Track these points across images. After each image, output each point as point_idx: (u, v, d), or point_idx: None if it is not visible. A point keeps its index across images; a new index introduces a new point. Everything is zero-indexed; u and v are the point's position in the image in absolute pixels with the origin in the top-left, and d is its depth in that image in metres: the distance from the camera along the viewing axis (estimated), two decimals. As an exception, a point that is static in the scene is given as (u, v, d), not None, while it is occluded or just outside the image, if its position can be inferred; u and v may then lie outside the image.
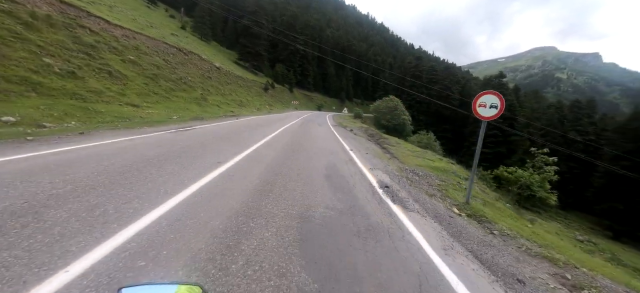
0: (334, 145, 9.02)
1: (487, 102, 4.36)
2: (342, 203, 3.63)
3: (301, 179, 4.43)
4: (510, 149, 46.78)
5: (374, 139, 14.00)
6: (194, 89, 19.84)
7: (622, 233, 39.06)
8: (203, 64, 28.30)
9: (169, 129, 8.38)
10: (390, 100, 33.06)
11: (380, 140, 13.31)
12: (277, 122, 16.55)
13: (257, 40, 56.54)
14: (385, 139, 13.97)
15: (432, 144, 26.59)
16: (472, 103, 4.57)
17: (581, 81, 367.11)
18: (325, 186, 4.29)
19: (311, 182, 4.35)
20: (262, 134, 9.55)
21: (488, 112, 4.39)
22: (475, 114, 4.54)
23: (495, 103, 4.30)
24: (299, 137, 9.77)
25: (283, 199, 3.44)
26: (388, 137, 16.73)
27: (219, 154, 5.28)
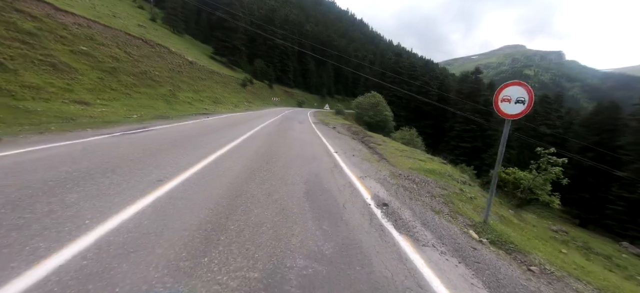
0: (317, 147, 7.86)
1: (511, 96, 3.42)
2: (331, 241, 2.56)
3: (273, 203, 3.29)
4: (487, 143, 48.14)
5: (358, 137, 13.07)
6: (161, 84, 17.94)
7: (588, 221, 41.38)
8: (173, 57, 26.11)
9: (117, 131, 6.88)
10: (372, 96, 32.46)
11: (365, 138, 12.40)
12: (254, 120, 15.19)
13: (233, 34, 53.99)
14: (370, 137, 13.09)
15: (415, 140, 26.30)
16: (493, 99, 3.65)
17: (546, 78, 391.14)
18: (306, 211, 3.19)
19: (287, 208, 3.22)
20: (233, 135, 8.24)
21: (513, 109, 3.45)
22: (497, 111, 3.62)
23: (522, 97, 3.35)
24: (276, 139, 8.51)
25: (239, 248, 2.25)
26: (372, 134, 15.90)
27: (163, 167, 4.06)
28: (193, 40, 59.51)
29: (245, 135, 8.41)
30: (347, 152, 7.60)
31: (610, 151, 43.38)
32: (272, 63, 68.56)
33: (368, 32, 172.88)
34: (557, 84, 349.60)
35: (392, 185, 4.90)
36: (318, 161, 5.82)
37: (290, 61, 76.83)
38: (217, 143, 6.38)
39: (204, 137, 7.28)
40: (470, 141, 48.36)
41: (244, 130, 9.50)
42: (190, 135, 7.45)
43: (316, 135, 11.05)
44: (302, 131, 11.95)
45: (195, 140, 6.53)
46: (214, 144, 6.18)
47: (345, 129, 17.32)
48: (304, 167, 5.18)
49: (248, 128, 10.38)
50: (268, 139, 8.20)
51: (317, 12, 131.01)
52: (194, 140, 6.52)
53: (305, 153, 6.54)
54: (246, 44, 66.35)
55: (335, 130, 15.28)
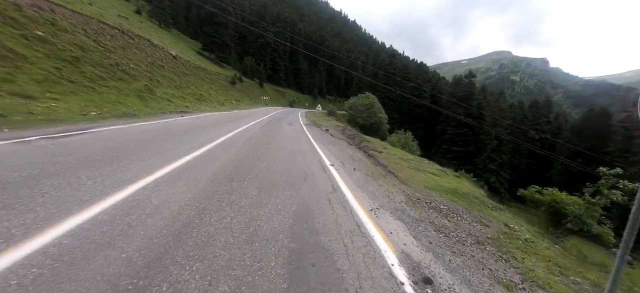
0: (309, 158, 6.39)
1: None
2: None
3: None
4: (479, 148, 47.89)
5: (354, 142, 11.77)
6: (136, 78, 16.17)
7: (577, 228, 41.41)
8: (155, 51, 24.23)
9: (52, 132, 5.30)
10: (366, 98, 31.29)
11: (363, 143, 11.11)
12: (238, 121, 13.68)
13: (223, 30, 51.97)
14: (368, 142, 11.81)
15: (410, 144, 25.30)
16: (638, 104, 2.36)
17: (531, 84, 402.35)
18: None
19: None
20: (201, 141, 6.45)
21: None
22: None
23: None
24: (256, 147, 6.69)
25: None
26: (370, 139, 14.63)
27: (59, 202, 2.46)
28: (181, 35, 57.05)
29: (215, 142, 6.54)
30: (345, 164, 6.24)
31: (600, 157, 43.75)
32: (263, 61, 66.75)
33: (361, 34, 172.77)
34: (541, 89, 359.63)
35: (417, 222, 3.56)
36: (310, 182, 4.29)
37: (282, 60, 75.17)
38: (169, 155, 4.56)
39: (157, 143, 5.50)
40: (463, 145, 48.00)
41: (218, 135, 7.79)
42: (140, 141, 5.61)
43: (308, 141, 9.63)
44: (291, 135, 10.50)
45: (139, 149, 4.75)
46: (162, 157, 4.36)
47: (339, 132, 16.01)
48: (289, 196, 3.57)
49: (226, 131, 8.82)
50: (245, 148, 6.37)
51: (311, 12, 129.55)
52: (138, 149, 4.74)
53: (292, 169, 4.91)
54: (236, 41, 64.29)
55: (329, 133, 13.94)
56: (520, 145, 53.82)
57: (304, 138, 10.40)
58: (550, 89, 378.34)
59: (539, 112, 64.96)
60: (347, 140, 12.22)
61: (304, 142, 8.97)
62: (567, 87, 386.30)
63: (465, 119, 47.38)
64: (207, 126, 9.62)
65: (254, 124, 12.65)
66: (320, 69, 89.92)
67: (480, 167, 45.57)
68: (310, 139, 10.12)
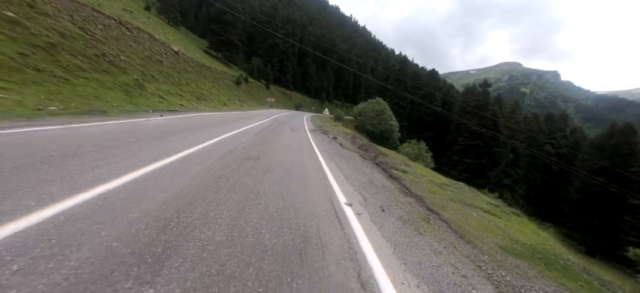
0: (312, 189, 4.25)
1: None
2: None
3: None
4: (493, 161, 45.41)
5: (369, 155, 9.89)
6: (125, 71, 14.61)
7: (596, 250, 38.80)
8: (154, 45, 22.83)
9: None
10: (376, 103, 29.40)
11: (379, 157, 9.22)
12: (232, 123, 11.93)
13: (231, 29, 50.81)
14: (384, 156, 9.91)
15: (424, 155, 23.28)
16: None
17: (542, 96, 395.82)
18: None
19: None
20: (160, 152, 4.49)
21: None
22: None
23: None
24: (238, 165, 4.70)
25: None
26: (385, 151, 12.71)
27: None
28: (190, 33, 56.19)
29: (172, 158, 4.31)
30: (368, 200, 4.13)
31: (624, 176, 40.98)
32: (270, 62, 65.53)
33: (370, 39, 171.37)
34: (552, 103, 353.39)
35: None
36: (312, 263, 2.16)
37: (290, 62, 73.92)
38: (61, 185, 2.58)
39: (72, 160, 3.35)
40: (475, 157, 45.59)
41: (190, 143, 5.65)
42: (59, 152, 3.59)
43: (312, 154, 7.62)
44: (292, 145, 8.54)
45: (30, 171, 2.81)
46: (34, 193, 2.35)
47: (348, 141, 14.15)
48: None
49: (206, 137, 6.84)
50: (216, 169, 4.18)
51: (321, 16, 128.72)
52: (28, 170, 2.80)
53: (283, 221, 2.80)
54: (244, 41, 63.24)
55: (337, 143, 12.09)
56: (535, 159, 51.20)
57: (308, 149, 8.47)
58: (561, 102, 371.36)
59: (555, 125, 62.23)
60: (359, 152, 10.35)
61: (307, 157, 7.02)
62: (578, 101, 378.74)
63: (480, 129, 45.05)
64: (186, 130, 7.44)
65: (248, 129, 10.84)
66: (329, 72, 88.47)
67: (493, 181, 43.09)
68: (316, 152, 8.15)
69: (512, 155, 41.61)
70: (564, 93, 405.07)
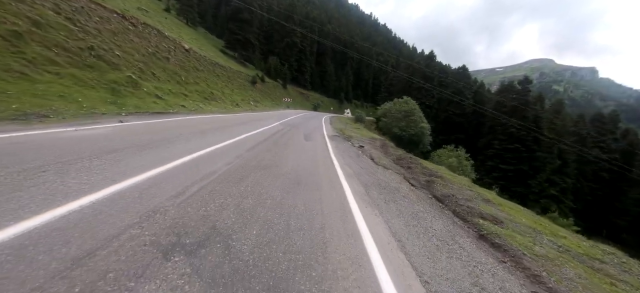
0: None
1: None
2: None
3: None
4: (534, 167, 40.26)
5: (419, 181, 6.92)
6: (118, 68, 12.62)
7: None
8: (162, 41, 21.09)
9: None
10: (404, 103, 26.09)
11: (439, 188, 6.22)
12: (230, 130, 9.43)
13: (248, 27, 49.22)
14: (442, 181, 6.92)
15: (464, 164, 19.78)
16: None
17: (577, 95, 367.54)
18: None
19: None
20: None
21: None
22: None
23: None
24: (185, 223, 2.31)
25: None
26: (436, 169, 9.61)
27: None
28: (208, 34, 55.43)
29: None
30: None
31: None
32: (288, 62, 63.54)
33: (391, 38, 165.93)
34: (589, 101, 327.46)
35: None
36: None
37: (307, 61, 71.67)
38: None
39: None
40: (514, 163, 40.69)
41: (97, 183, 2.79)
42: None
43: (333, 183, 4.59)
44: (304, 164, 5.54)
45: None
46: None
47: (380, 151, 11.24)
48: None
49: (180, 152, 4.33)
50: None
51: (340, 14, 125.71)
52: None
53: None
54: (261, 40, 61.69)
55: (367, 155, 9.23)
56: (584, 166, 45.24)
57: (327, 172, 5.47)
58: (599, 101, 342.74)
59: (604, 127, 55.27)
60: (400, 170, 7.44)
61: (326, 191, 4.07)
62: (618, 99, 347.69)
63: (520, 132, 40.19)
64: (118, 151, 4.16)
65: (249, 137, 8.24)
66: (348, 72, 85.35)
67: (536, 191, 38.13)
68: (342, 183, 4.81)
69: (559, 162, 36.51)
70: (602, 91, 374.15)
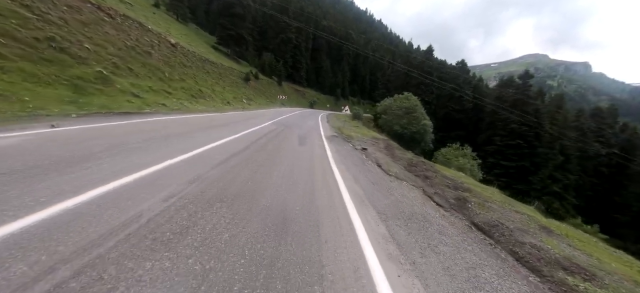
0: None
1: None
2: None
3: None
4: (536, 163, 39.38)
5: (446, 197, 5.58)
6: (85, 62, 11.06)
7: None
8: (143, 35, 19.40)
9: None
10: (405, 99, 24.78)
11: (476, 211, 4.86)
12: (209, 133, 7.96)
13: (240, 22, 47.38)
14: (472, 197, 5.60)
15: (471, 163, 18.53)
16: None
17: (571, 90, 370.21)
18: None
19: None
20: None
21: None
22: None
23: None
24: None
25: None
26: (462, 179, 8.24)
27: None
28: (199, 30, 53.44)
29: None
30: None
31: None
32: (283, 58, 61.75)
33: (387, 33, 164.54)
34: (582, 96, 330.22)
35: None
36: None
37: (303, 57, 69.96)
38: None
39: None
40: (515, 160, 39.78)
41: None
42: None
43: (346, 228, 2.98)
44: (288, 195, 3.39)
45: None
46: None
47: (386, 154, 9.88)
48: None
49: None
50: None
51: (335, 10, 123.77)
52: None
53: None
54: (255, 36, 59.84)
55: (373, 160, 7.87)
56: (585, 161, 44.56)
57: (328, 196, 3.91)
58: (593, 95, 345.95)
59: (603, 121, 54.75)
60: (416, 181, 6.09)
61: (329, 239, 2.59)
62: (612, 94, 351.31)
63: (521, 127, 39.25)
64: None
65: (228, 143, 6.71)
66: (344, 68, 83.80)
67: (538, 187, 37.22)
68: (347, 205, 3.60)
69: (561, 158, 35.61)
70: (596, 86, 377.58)
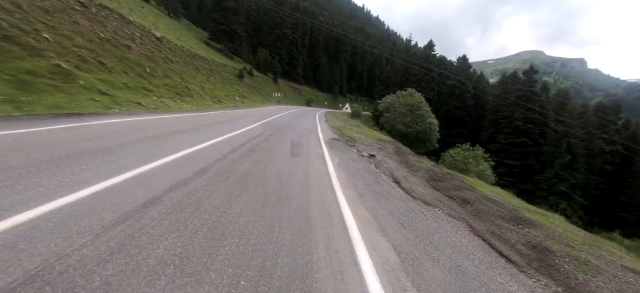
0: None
1: None
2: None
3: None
4: (542, 162, 38.10)
5: (513, 246, 3.98)
6: (40, 53, 9.34)
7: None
8: (123, 27, 17.56)
9: None
10: (409, 95, 23.22)
11: (587, 276, 3.32)
12: (181, 136, 6.28)
13: (233, 17, 45.41)
14: (557, 241, 4.04)
15: (483, 166, 17.02)
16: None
17: (567, 86, 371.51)
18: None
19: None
20: None
21: None
22: None
23: None
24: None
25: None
26: (533, 212, 6.64)
27: None
28: (192, 26, 51.41)
29: None
30: None
31: None
32: (278, 55, 59.87)
33: (384, 30, 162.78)
34: (578, 92, 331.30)
35: None
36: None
37: (300, 54, 68.08)
38: None
39: None
40: (520, 158, 38.46)
41: None
42: None
43: None
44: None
45: None
46: None
47: (397, 160, 8.29)
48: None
49: None
50: None
51: (332, 6, 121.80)
52: None
53: None
54: (249, 31, 57.87)
55: (386, 173, 6.27)
56: (592, 159, 43.42)
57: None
58: (588, 92, 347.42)
59: (606, 117, 53.73)
60: (455, 208, 4.51)
61: None
62: (607, 90, 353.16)
63: (526, 125, 37.90)
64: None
65: (190, 156, 4.88)
66: (341, 65, 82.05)
67: (544, 187, 35.93)
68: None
69: (568, 156, 34.31)
70: (591, 82, 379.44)
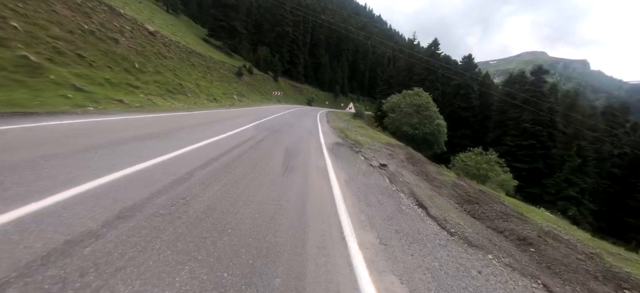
0: None
1: None
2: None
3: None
4: (550, 165, 36.88)
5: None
6: (4, 44, 8.14)
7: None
8: (112, 19, 16.35)
9: None
10: (416, 95, 22.00)
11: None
12: (150, 142, 5.11)
13: (233, 13, 44.20)
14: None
15: (502, 174, 15.77)
16: None
17: (569, 87, 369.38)
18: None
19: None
20: None
21: None
22: None
23: None
24: None
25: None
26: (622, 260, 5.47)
27: None
28: (191, 23, 50.24)
29: None
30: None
31: None
32: (279, 53, 58.61)
33: (386, 30, 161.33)
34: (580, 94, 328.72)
35: None
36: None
37: (301, 52, 66.81)
38: None
39: None
40: (528, 161, 37.19)
41: None
42: None
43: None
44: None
45: None
46: None
47: (413, 172, 7.12)
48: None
49: None
50: None
51: (334, 5, 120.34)
52: None
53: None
54: (250, 28, 56.61)
55: (405, 193, 5.10)
56: (601, 163, 42.17)
57: None
58: (591, 93, 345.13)
59: (615, 119, 52.41)
60: (510, 252, 3.34)
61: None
62: (609, 91, 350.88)
63: (534, 127, 36.63)
64: None
65: (134, 177, 3.82)
66: (343, 64, 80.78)
67: (552, 191, 34.67)
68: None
69: (578, 160, 33.05)
70: (594, 83, 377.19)
